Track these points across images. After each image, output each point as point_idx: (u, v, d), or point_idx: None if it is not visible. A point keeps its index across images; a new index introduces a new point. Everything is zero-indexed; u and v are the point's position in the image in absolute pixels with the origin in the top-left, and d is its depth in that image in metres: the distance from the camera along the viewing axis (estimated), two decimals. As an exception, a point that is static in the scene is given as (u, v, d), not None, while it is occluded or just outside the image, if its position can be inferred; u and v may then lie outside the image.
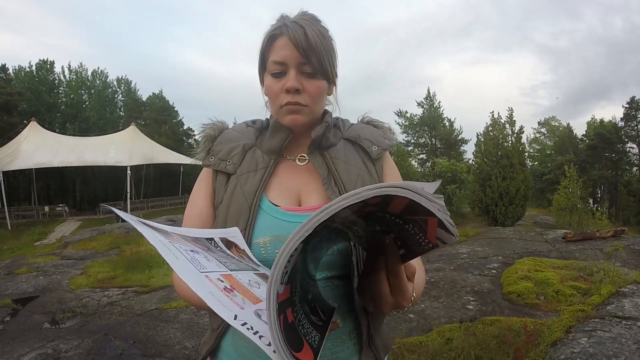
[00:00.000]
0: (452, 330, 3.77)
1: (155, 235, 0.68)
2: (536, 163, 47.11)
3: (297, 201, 1.02)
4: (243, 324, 0.56)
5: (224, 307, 0.57)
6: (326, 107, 1.10)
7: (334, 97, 1.11)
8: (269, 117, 1.12)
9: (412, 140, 39.10)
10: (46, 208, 28.41)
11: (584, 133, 44.54)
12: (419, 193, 0.54)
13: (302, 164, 1.07)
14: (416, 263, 1.02)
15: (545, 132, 53.18)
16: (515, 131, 22.47)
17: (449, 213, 0.58)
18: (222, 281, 0.64)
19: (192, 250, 0.70)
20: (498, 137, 22.10)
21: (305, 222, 0.53)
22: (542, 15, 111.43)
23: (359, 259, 0.85)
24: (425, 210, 0.55)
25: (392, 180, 1.09)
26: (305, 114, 0.99)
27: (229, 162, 1.04)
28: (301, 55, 0.94)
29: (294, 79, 0.95)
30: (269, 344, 0.55)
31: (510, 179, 20.44)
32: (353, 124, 1.18)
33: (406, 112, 39.15)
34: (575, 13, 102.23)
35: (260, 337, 0.56)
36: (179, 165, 32.22)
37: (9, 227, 22.89)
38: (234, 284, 0.66)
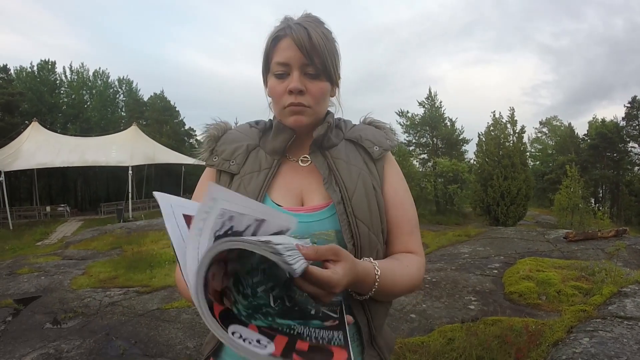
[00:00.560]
0: (453, 330, 3.77)
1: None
2: (538, 163, 47.13)
3: (299, 201, 1.02)
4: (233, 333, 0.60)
5: None
6: (329, 109, 1.10)
7: (336, 99, 1.12)
8: (272, 118, 1.12)
9: (414, 140, 38.99)
10: (48, 208, 28.46)
11: (586, 132, 44.56)
12: (242, 241, 0.58)
13: (304, 164, 1.07)
14: (409, 257, 1.04)
15: (547, 132, 53.21)
16: (517, 131, 22.47)
17: (281, 253, 0.60)
18: None
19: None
20: (499, 136, 22.10)
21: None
22: (544, 15, 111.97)
23: None
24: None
25: (392, 181, 1.09)
26: (308, 115, 1.00)
27: (233, 162, 1.05)
28: (304, 56, 0.95)
29: (297, 80, 0.96)
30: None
31: (511, 178, 20.44)
32: (355, 124, 1.19)
33: (407, 112, 39.06)
34: (577, 13, 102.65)
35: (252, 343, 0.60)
36: (181, 165, 32.24)
37: (11, 227, 22.96)
38: None
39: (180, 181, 34.03)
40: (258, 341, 0.62)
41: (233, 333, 0.60)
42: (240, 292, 0.68)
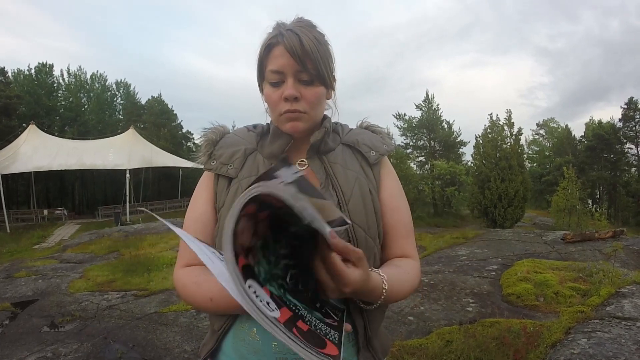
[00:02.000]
0: (451, 333, 3.77)
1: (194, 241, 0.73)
2: (535, 164, 47.19)
3: None
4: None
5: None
6: (326, 111, 1.11)
7: (332, 101, 1.12)
8: (269, 122, 1.13)
9: (411, 143, 39.01)
10: (45, 211, 28.43)
11: (583, 134, 44.66)
12: (269, 185, 0.59)
13: (301, 169, 1.07)
14: (408, 263, 1.05)
15: (544, 134, 53.31)
16: (514, 133, 22.52)
17: (308, 205, 0.61)
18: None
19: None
20: (497, 139, 22.14)
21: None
22: (540, 17, 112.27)
23: None
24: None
25: (388, 185, 1.10)
26: (305, 120, 1.00)
27: (231, 166, 1.05)
28: (297, 63, 0.95)
29: (292, 88, 0.97)
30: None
31: (509, 180, 20.47)
32: (352, 129, 1.19)
33: (405, 114, 39.11)
34: (573, 15, 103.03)
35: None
36: (178, 168, 32.26)
37: (8, 231, 22.90)
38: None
39: (177, 184, 34.01)
40: (267, 303, 0.64)
41: (249, 286, 0.62)
42: (265, 256, 0.70)
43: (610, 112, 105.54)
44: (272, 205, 0.62)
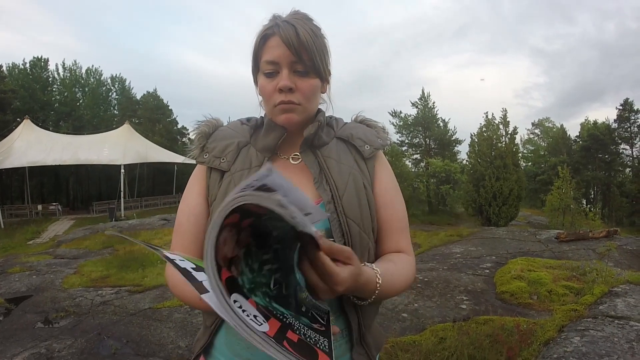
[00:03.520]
0: (445, 330, 3.78)
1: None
2: (530, 164, 47.34)
3: None
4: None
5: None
6: (320, 105, 1.10)
7: (327, 95, 1.11)
8: (263, 115, 1.12)
9: (407, 141, 39.04)
10: (39, 207, 28.30)
11: (578, 134, 44.91)
12: (253, 194, 0.56)
13: (295, 162, 1.07)
14: (403, 258, 1.04)
15: (539, 133, 53.47)
16: (509, 132, 22.61)
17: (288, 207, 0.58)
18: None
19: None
20: (492, 137, 22.23)
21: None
22: (537, 19, 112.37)
23: None
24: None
25: (383, 179, 1.10)
26: (299, 112, 0.99)
27: (223, 159, 1.04)
28: (293, 54, 0.94)
29: (287, 78, 0.96)
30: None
31: (503, 179, 20.56)
32: (346, 123, 1.18)
33: (401, 112, 39.15)
34: (569, 17, 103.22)
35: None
36: (173, 164, 32.15)
37: (2, 226, 22.84)
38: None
39: (172, 180, 33.93)
40: (255, 317, 0.62)
41: (235, 301, 0.60)
42: (248, 264, 0.68)
43: (605, 114, 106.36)
44: (255, 213, 0.60)
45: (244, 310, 0.61)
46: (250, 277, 0.68)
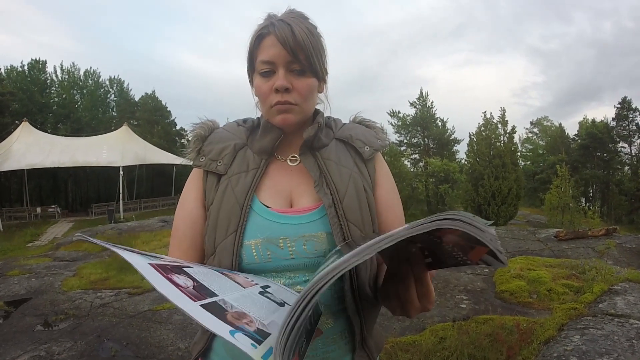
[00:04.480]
0: (445, 329, 3.78)
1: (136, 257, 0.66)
2: (528, 162, 47.41)
3: (288, 202, 1.00)
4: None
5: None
6: (318, 105, 1.09)
7: (324, 95, 1.10)
8: (260, 116, 1.10)
9: (405, 140, 39.14)
10: (38, 209, 28.23)
11: (576, 133, 44.92)
12: (470, 223, 0.55)
13: (293, 164, 1.06)
14: None
15: (538, 132, 53.53)
16: (508, 131, 22.63)
17: (499, 241, 0.57)
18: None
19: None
20: (490, 137, 22.23)
21: (358, 250, 0.56)
22: (534, 18, 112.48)
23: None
24: (475, 240, 0.55)
25: (383, 182, 1.09)
26: (296, 112, 0.98)
27: (220, 162, 1.02)
28: (289, 53, 0.93)
29: (283, 78, 0.94)
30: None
31: (502, 178, 20.56)
32: (345, 123, 1.17)
33: (399, 112, 39.23)
34: (566, 17, 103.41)
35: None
36: (172, 165, 32.12)
37: (1, 229, 22.76)
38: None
39: (171, 181, 33.89)
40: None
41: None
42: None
43: (602, 112, 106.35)
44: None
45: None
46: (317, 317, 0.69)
